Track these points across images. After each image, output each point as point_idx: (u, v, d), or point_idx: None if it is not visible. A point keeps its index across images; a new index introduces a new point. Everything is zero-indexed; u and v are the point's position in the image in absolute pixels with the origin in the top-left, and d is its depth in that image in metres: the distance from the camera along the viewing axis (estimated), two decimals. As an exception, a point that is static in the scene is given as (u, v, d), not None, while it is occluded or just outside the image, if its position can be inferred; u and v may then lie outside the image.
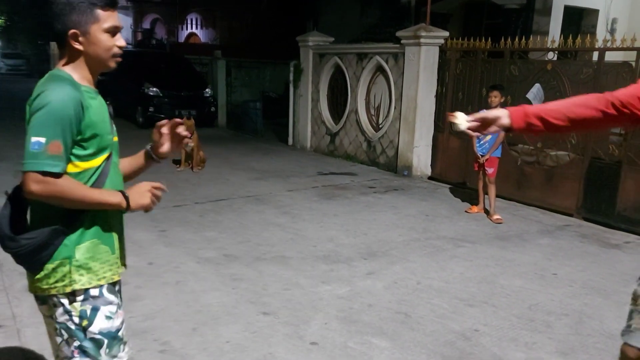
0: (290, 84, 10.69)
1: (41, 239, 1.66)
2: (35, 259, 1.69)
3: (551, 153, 6.55)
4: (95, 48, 1.69)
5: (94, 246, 1.75)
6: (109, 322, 1.76)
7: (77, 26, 1.65)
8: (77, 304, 1.73)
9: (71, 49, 1.69)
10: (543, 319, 3.72)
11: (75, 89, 1.64)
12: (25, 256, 1.69)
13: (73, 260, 1.71)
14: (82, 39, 1.67)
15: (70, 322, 1.73)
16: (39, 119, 1.57)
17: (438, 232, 5.59)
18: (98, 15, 1.67)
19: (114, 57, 1.74)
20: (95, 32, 1.67)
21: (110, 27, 1.69)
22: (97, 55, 1.70)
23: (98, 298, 1.75)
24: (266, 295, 3.95)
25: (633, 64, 5.69)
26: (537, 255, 4.98)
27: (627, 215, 5.77)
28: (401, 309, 3.79)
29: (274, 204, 6.40)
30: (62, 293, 1.72)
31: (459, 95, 7.64)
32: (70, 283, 1.71)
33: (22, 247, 1.66)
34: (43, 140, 1.56)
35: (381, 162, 8.75)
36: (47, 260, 1.69)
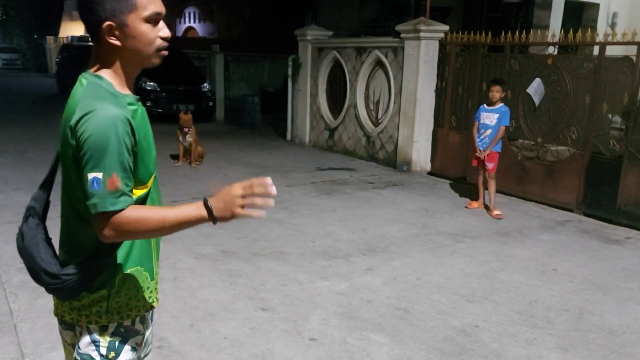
0: (288, 78, 10.63)
1: (83, 273, 1.46)
2: (72, 293, 1.49)
3: (552, 148, 6.52)
4: (134, 42, 1.41)
5: (136, 274, 1.56)
6: (133, 353, 1.59)
7: (112, 17, 1.38)
8: (107, 336, 1.54)
9: (106, 46, 1.42)
10: (543, 314, 3.69)
11: (121, 107, 1.40)
12: (64, 292, 1.49)
13: (112, 291, 1.51)
14: (119, 32, 1.40)
15: (95, 353, 1.53)
16: (91, 151, 1.33)
17: (438, 227, 5.56)
18: (135, 2, 1.39)
19: (159, 52, 1.47)
20: (133, 22, 1.40)
21: (151, 14, 1.42)
22: (138, 50, 1.43)
23: (129, 330, 1.57)
24: (264, 291, 3.92)
25: (634, 58, 5.64)
26: (537, 251, 4.95)
27: (628, 210, 5.75)
28: (400, 304, 3.77)
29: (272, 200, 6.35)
30: (95, 323, 1.53)
31: (459, 89, 7.59)
32: (107, 317, 1.52)
33: (64, 282, 1.46)
34: (100, 175, 1.33)
35: (380, 158, 8.71)
36: (80, 292, 1.50)
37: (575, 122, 6.19)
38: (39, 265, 1.50)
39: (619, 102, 5.84)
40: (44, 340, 3.13)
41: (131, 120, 1.40)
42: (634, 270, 4.58)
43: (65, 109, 1.46)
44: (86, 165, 1.34)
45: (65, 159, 1.45)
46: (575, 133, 6.19)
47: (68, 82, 17.71)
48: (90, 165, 1.33)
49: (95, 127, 1.33)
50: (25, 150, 8.54)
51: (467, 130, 6.90)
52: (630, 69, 5.68)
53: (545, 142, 6.53)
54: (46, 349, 3.05)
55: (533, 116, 6.62)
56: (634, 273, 4.51)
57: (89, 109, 1.36)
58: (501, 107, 5.93)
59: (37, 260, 1.50)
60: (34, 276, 1.53)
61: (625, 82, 5.75)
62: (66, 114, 1.43)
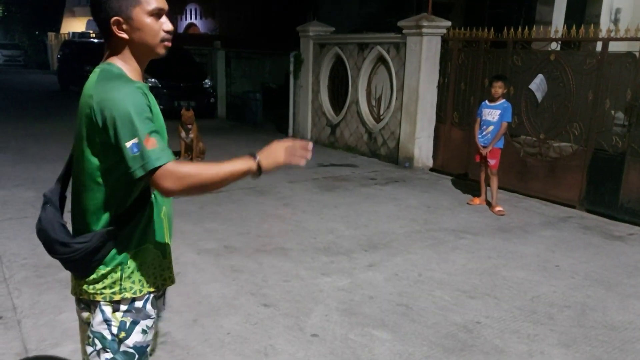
0: (290, 74, 10.62)
1: (95, 242, 1.57)
2: (86, 264, 1.60)
3: (554, 144, 6.50)
4: (140, 34, 1.57)
5: (146, 251, 1.66)
6: (143, 336, 1.68)
7: (119, 12, 1.54)
8: (118, 314, 1.64)
9: (116, 39, 1.58)
10: (545, 310, 3.69)
11: (134, 82, 1.55)
12: (78, 262, 1.59)
13: (125, 267, 1.62)
14: (126, 25, 1.55)
15: (107, 332, 1.64)
16: (121, 123, 1.46)
17: (440, 223, 5.56)
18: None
19: (163, 42, 1.62)
20: (138, 16, 1.55)
21: (154, 9, 1.57)
22: (144, 41, 1.58)
23: (140, 311, 1.66)
24: (266, 286, 3.92)
25: (637, 54, 5.62)
26: (539, 247, 4.95)
27: (631, 207, 5.74)
28: (402, 300, 3.77)
29: (274, 196, 6.36)
30: (108, 301, 1.63)
31: (461, 85, 7.58)
32: (120, 291, 1.62)
33: (76, 251, 1.57)
34: (136, 140, 1.45)
35: (382, 154, 8.70)
36: (97, 265, 1.60)
37: (577, 118, 6.17)
38: (53, 238, 1.62)
39: (622, 98, 5.82)
40: (47, 337, 3.14)
41: (146, 91, 1.55)
42: (636, 266, 4.58)
43: (81, 97, 1.58)
44: (120, 138, 1.46)
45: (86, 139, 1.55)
46: (578, 129, 6.17)
47: (69, 78, 17.77)
48: (123, 136, 1.46)
49: (115, 102, 1.47)
50: (27, 147, 8.55)
51: (469, 127, 6.89)
52: (633, 65, 5.66)
53: (548, 138, 6.52)
54: (50, 345, 3.06)
55: (535, 112, 6.61)
56: (636, 269, 4.51)
57: (105, 89, 1.50)
58: (503, 103, 5.92)
59: (51, 234, 1.62)
60: (49, 250, 1.64)
61: (628, 78, 5.73)
62: (83, 101, 1.55)
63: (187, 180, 1.48)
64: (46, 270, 4.01)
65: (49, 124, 10.93)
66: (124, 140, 1.46)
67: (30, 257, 4.26)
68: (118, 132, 1.46)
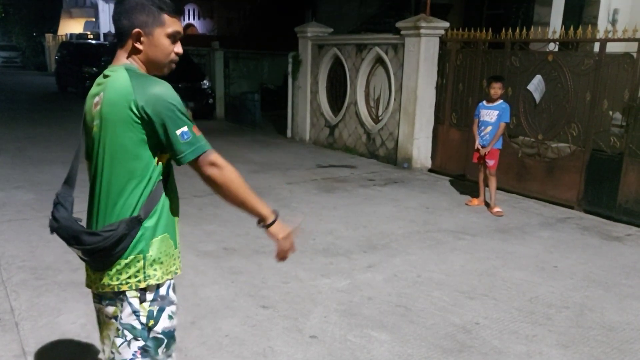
0: (288, 75, 10.62)
1: (122, 229, 1.65)
2: (112, 253, 1.67)
3: (552, 145, 6.51)
4: (155, 50, 1.73)
5: (165, 240, 1.76)
6: (170, 321, 1.80)
7: (143, 26, 1.69)
8: (146, 304, 1.74)
9: (132, 48, 1.73)
10: (544, 311, 3.70)
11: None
12: (106, 250, 1.66)
13: (147, 254, 1.71)
14: (145, 39, 1.71)
15: (136, 322, 1.74)
16: (170, 114, 1.62)
17: (438, 224, 5.56)
18: (164, 20, 1.71)
19: (171, 63, 1.79)
20: (158, 35, 1.72)
21: (173, 32, 1.74)
22: (156, 58, 1.75)
23: (165, 298, 1.78)
24: (265, 288, 3.92)
25: (634, 55, 5.63)
26: (538, 248, 4.96)
27: (629, 207, 5.75)
28: (401, 302, 3.77)
29: (272, 197, 6.36)
30: (135, 290, 1.72)
31: (459, 86, 7.58)
32: (145, 278, 1.72)
33: (105, 239, 1.64)
34: (185, 128, 1.63)
35: (381, 155, 8.71)
36: (121, 254, 1.68)
37: (575, 119, 6.18)
38: (79, 230, 1.68)
39: (620, 99, 5.83)
40: (46, 339, 3.14)
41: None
42: (634, 267, 4.59)
43: (108, 95, 1.67)
44: (170, 126, 1.62)
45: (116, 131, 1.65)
46: (576, 130, 6.18)
47: (67, 80, 17.75)
48: (173, 125, 1.62)
49: (161, 96, 1.62)
50: (26, 149, 8.54)
51: (468, 127, 6.90)
52: (631, 66, 5.67)
53: (546, 139, 6.52)
54: (48, 347, 3.06)
55: (534, 113, 6.62)
56: (634, 270, 4.51)
57: (145, 86, 1.63)
58: (501, 104, 5.92)
59: (75, 227, 1.69)
60: (76, 241, 1.68)
61: (625, 79, 5.74)
62: (116, 98, 1.64)
63: (225, 172, 1.69)
64: (44, 272, 4.00)
65: (48, 126, 10.92)
66: (175, 128, 1.62)
67: (28, 259, 4.25)
68: (167, 122, 1.62)
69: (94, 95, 1.75)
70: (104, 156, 1.69)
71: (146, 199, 1.69)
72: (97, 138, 1.70)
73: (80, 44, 20.22)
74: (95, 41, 23.01)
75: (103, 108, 1.67)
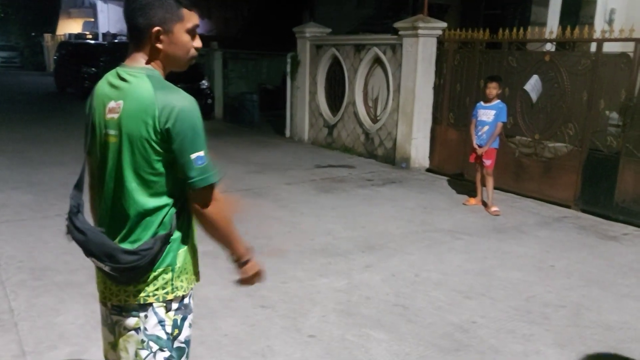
0: (287, 75, 10.63)
1: (157, 246, 1.61)
2: (146, 270, 1.62)
3: (549, 144, 6.53)
4: (175, 48, 1.63)
5: (190, 249, 1.74)
6: (190, 329, 1.79)
7: (162, 24, 1.58)
8: (171, 313, 1.70)
9: (151, 47, 1.61)
10: (541, 310, 3.72)
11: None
12: (140, 268, 1.60)
13: (175, 267, 1.68)
14: (164, 37, 1.60)
15: (162, 332, 1.69)
16: (190, 134, 1.55)
17: (436, 224, 5.58)
18: (183, 14, 1.61)
19: (191, 59, 1.71)
20: (178, 31, 1.61)
21: (193, 26, 1.65)
22: (176, 55, 1.65)
23: (187, 307, 1.76)
24: (264, 288, 3.93)
25: (631, 54, 5.66)
26: (535, 247, 4.98)
27: (626, 206, 5.77)
28: (399, 301, 3.79)
29: (272, 197, 6.38)
30: (162, 301, 1.67)
31: (457, 86, 7.61)
32: (172, 290, 1.68)
33: (142, 258, 1.59)
34: (202, 153, 1.57)
35: (379, 155, 8.73)
36: (151, 269, 1.63)
37: (572, 119, 6.21)
38: (115, 248, 1.60)
39: (616, 99, 5.86)
40: (44, 339, 3.15)
41: None
42: (631, 266, 4.61)
43: (129, 106, 1.57)
44: (187, 148, 1.55)
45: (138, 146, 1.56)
46: (573, 129, 6.20)
47: (66, 80, 17.73)
48: (191, 147, 1.55)
49: (185, 115, 1.54)
50: (24, 150, 8.54)
51: (465, 127, 6.92)
52: (628, 65, 5.70)
53: (543, 138, 6.55)
54: (47, 347, 3.07)
55: (531, 113, 6.64)
56: (631, 269, 4.54)
57: (171, 101, 1.54)
58: (498, 104, 5.95)
59: (110, 244, 1.61)
60: (109, 259, 1.59)
61: (622, 79, 5.76)
62: (138, 112, 1.54)
63: (221, 209, 1.65)
64: (43, 273, 4.01)
65: (46, 127, 10.92)
66: (191, 151, 1.55)
67: (27, 260, 4.26)
68: (185, 142, 1.54)
69: (108, 97, 1.62)
70: (124, 170, 1.60)
71: (174, 213, 1.65)
72: (116, 149, 1.61)
73: (79, 44, 20.20)
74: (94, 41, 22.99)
75: (123, 120, 1.57)
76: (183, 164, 1.56)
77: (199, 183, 1.58)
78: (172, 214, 1.65)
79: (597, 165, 6.02)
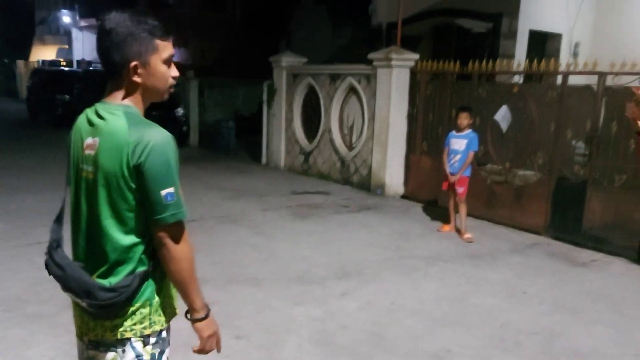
0: (263, 103, 10.73)
1: (136, 283, 1.61)
2: (123, 306, 1.61)
3: (519, 173, 6.70)
4: (153, 80, 1.64)
5: (167, 284, 1.72)
6: None
7: (138, 57, 1.59)
8: (149, 347, 1.69)
9: (129, 82, 1.62)
10: (514, 338, 3.77)
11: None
12: (117, 305, 1.60)
13: (153, 301, 1.67)
14: (142, 70, 1.61)
15: None
16: (160, 171, 1.55)
17: (411, 250, 5.64)
18: (157, 46, 1.62)
19: (169, 88, 1.71)
20: (155, 63, 1.62)
21: (168, 56, 1.66)
22: (156, 87, 1.66)
23: (165, 340, 1.74)
24: (239, 318, 3.91)
25: (595, 87, 5.90)
26: (507, 274, 5.06)
27: (594, 233, 5.93)
28: (375, 330, 3.80)
29: (247, 224, 6.36)
30: (140, 336, 1.66)
31: (430, 116, 7.79)
32: (150, 325, 1.68)
33: (120, 295, 1.58)
34: (172, 190, 1.57)
35: (355, 181, 8.81)
36: (129, 304, 1.63)
37: (541, 148, 6.40)
38: (92, 284, 1.59)
39: (582, 129, 6.08)
40: None
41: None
42: (600, 292, 4.72)
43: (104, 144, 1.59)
44: (156, 184, 1.55)
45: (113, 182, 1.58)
46: (542, 158, 6.39)
47: (39, 107, 17.49)
48: (161, 183, 1.55)
49: (157, 150, 1.55)
50: (-6, 176, 8.36)
51: (438, 155, 7.06)
52: (592, 98, 5.93)
53: (513, 167, 6.72)
54: None
55: (501, 142, 6.83)
56: (600, 295, 4.64)
57: (144, 136, 1.55)
58: (470, 133, 6.10)
59: (87, 280, 1.60)
60: (87, 296, 1.59)
61: (587, 110, 5.99)
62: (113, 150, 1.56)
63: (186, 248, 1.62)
64: (13, 304, 3.91)
65: (20, 154, 10.72)
66: (161, 187, 1.55)
67: (-5, 291, 4.16)
68: (155, 178, 1.55)
69: (85, 133, 1.65)
70: (100, 207, 1.61)
71: (151, 249, 1.64)
72: (92, 185, 1.62)
73: (53, 70, 19.99)
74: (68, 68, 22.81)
75: (99, 156, 1.59)
76: (151, 200, 1.56)
77: (169, 219, 1.57)
78: (150, 249, 1.64)
79: (565, 193, 6.19)
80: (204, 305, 1.74)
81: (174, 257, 1.61)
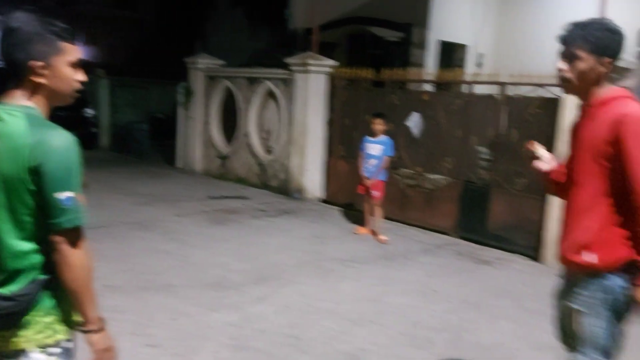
0: (179, 105, 10.43)
1: (35, 292, 1.56)
2: (22, 315, 1.56)
3: (430, 177, 7.01)
4: (57, 82, 1.59)
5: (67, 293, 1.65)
6: None
7: (42, 57, 1.54)
8: (53, 358, 1.63)
9: (31, 82, 1.56)
10: (425, 335, 3.92)
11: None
12: (16, 314, 1.54)
13: (54, 310, 1.61)
14: (46, 71, 1.56)
15: None
16: (59, 173, 1.50)
17: (328, 253, 5.71)
18: (64, 48, 1.58)
19: (74, 92, 1.67)
20: (60, 65, 1.58)
21: (74, 60, 1.62)
22: (59, 89, 1.61)
23: (68, 351, 1.68)
24: (152, 326, 3.76)
25: (497, 96, 6.31)
26: (419, 273, 5.27)
27: (497, 233, 6.32)
28: (292, 332, 3.81)
29: (160, 230, 6.14)
30: (41, 346, 1.59)
31: (346, 121, 7.95)
32: (53, 334, 1.62)
33: (19, 304, 1.53)
34: (71, 194, 1.53)
35: (273, 185, 8.79)
36: (29, 313, 1.57)
37: (449, 153, 6.74)
38: None
39: (486, 135, 6.47)
40: None
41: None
42: (504, 288, 5.03)
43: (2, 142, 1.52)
44: (54, 187, 1.50)
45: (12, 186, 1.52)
46: (450, 163, 6.73)
47: None
48: (59, 186, 1.51)
49: (57, 152, 1.51)
50: None
51: (355, 160, 7.21)
52: (494, 106, 6.34)
53: (424, 171, 7.02)
54: None
55: (413, 147, 7.11)
56: (503, 291, 4.95)
57: (44, 137, 1.50)
58: (384, 139, 6.30)
59: None
60: None
61: (490, 118, 6.39)
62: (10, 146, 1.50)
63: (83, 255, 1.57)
64: None
65: None
66: (59, 190, 1.50)
67: None
68: (53, 181, 1.50)
69: None
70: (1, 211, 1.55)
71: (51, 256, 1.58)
72: None
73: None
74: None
75: None
76: (47, 204, 1.51)
77: (65, 224, 1.52)
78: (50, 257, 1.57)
79: (472, 196, 6.56)
80: (99, 318, 1.68)
81: (68, 264, 1.55)
